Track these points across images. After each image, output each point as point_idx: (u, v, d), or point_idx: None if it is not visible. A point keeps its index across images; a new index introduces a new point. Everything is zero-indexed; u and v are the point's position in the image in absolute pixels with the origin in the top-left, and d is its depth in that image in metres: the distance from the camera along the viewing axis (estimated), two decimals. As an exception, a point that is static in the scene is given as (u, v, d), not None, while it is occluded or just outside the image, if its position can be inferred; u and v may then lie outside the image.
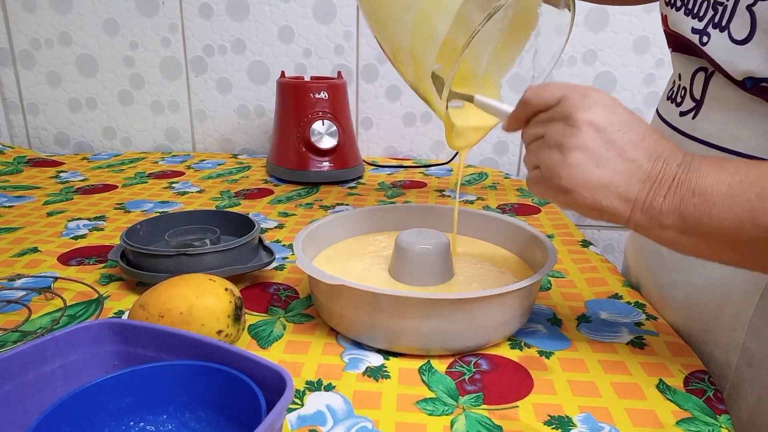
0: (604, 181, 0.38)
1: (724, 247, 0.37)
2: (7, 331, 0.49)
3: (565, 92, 0.40)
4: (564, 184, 0.39)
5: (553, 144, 0.39)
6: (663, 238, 0.39)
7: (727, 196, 0.36)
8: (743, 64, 0.42)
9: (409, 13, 0.47)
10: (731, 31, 0.43)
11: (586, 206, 0.39)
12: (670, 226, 0.38)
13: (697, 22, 0.46)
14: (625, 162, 0.38)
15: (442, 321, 0.45)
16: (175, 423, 0.34)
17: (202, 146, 1.24)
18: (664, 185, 0.38)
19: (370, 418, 0.40)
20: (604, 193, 0.38)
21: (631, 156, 0.38)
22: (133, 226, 0.62)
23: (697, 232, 0.37)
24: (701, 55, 0.47)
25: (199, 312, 0.43)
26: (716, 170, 0.37)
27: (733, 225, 0.36)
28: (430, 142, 1.21)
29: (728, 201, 0.36)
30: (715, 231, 0.36)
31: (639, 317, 0.54)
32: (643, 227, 0.39)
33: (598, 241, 1.27)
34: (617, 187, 0.38)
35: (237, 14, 1.14)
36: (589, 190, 0.38)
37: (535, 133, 0.42)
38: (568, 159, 0.38)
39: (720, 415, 0.41)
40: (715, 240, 0.37)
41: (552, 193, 0.40)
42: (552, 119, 0.40)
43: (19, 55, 1.17)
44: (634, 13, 1.10)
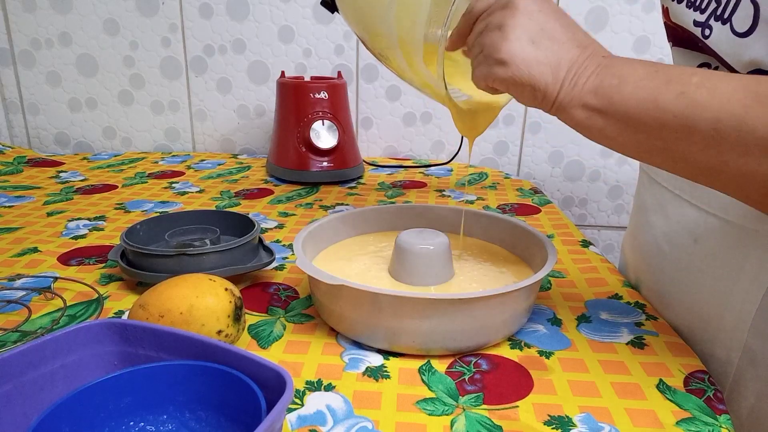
0: (539, 57, 0.41)
1: (626, 128, 0.39)
2: (7, 331, 0.49)
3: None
4: (503, 56, 0.41)
5: (494, 27, 0.43)
6: (576, 117, 0.41)
7: (640, 79, 0.39)
8: (746, 56, 0.42)
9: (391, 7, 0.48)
10: (733, 23, 0.43)
11: (522, 80, 0.41)
12: (587, 104, 0.40)
13: (699, 14, 0.46)
14: (557, 44, 0.41)
15: (442, 321, 0.45)
16: (175, 423, 0.34)
17: (202, 146, 1.24)
18: (588, 69, 0.41)
19: (370, 418, 0.40)
20: (537, 68, 0.41)
21: (561, 40, 0.41)
22: (133, 226, 0.62)
23: (606, 111, 0.40)
24: (704, 50, 0.47)
25: (199, 312, 0.43)
26: (639, 63, 0.40)
27: (638, 104, 0.38)
28: (430, 142, 1.21)
29: (640, 83, 0.38)
30: (623, 110, 0.39)
31: (639, 317, 0.54)
32: (563, 107, 0.42)
33: (598, 241, 1.27)
34: (549, 65, 0.41)
35: (237, 14, 1.14)
36: (526, 63, 0.41)
37: (479, 28, 0.44)
38: (507, 34, 0.41)
39: (720, 415, 0.41)
40: (621, 120, 0.39)
41: (492, 68, 0.43)
42: (493, 11, 0.43)
43: (19, 55, 1.17)
44: (634, 13, 1.10)
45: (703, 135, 0.36)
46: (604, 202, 1.24)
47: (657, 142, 0.39)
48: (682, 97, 0.37)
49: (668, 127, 0.37)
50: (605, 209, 1.25)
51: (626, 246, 0.69)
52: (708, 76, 0.37)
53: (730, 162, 0.36)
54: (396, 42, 0.50)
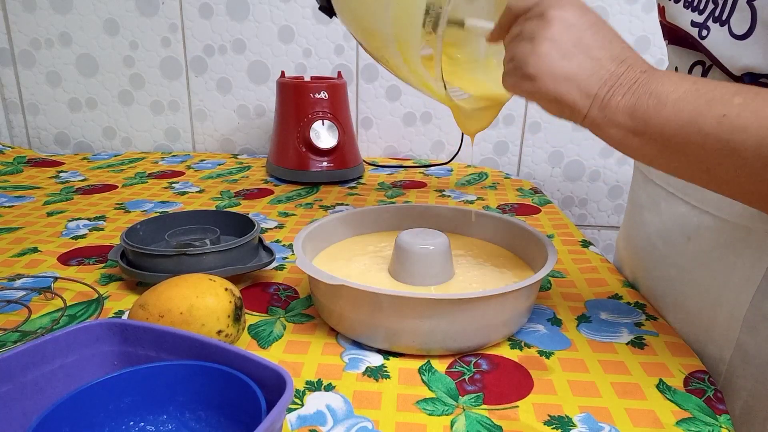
0: (568, 73, 0.40)
1: (665, 149, 0.38)
2: (7, 331, 0.49)
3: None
4: (531, 71, 0.41)
5: (527, 37, 0.41)
6: (612, 136, 0.40)
7: (679, 100, 0.37)
8: (743, 59, 0.42)
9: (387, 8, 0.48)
10: (731, 25, 0.43)
11: (548, 96, 0.40)
12: (621, 124, 0.39)
13: (697, 15, 0.46)
14: (591, 60, 0.40)
15: (442, 321, 0.45)
16: (175, 423, 0.34)
17: (202, 146, 1.24)
18: (624, 86, 0.39)
19: (370, 418, 0.40)
20: (566, 85, 0.40)
21: (596, 55, 0.40)
22: (133, 226, 0.62)
23: (644, 132, 0.38)
24: (699, 49, 0.47)
25: (199, 312, 0.43)
26: (678, 79, 0.38)
27: (677, 127, 0.37)
28: (430, 142, 1.21)
29: (679, 104, 0.37)
30: (660, 132, 0.38)
31: (639, 317, 0.54)
32: (596, 125, 0.40)
33: (598, 241, 1.27)
34: (579, 82, 0.39)
35: (237, 14, 1.14)
36: (553, 80, 0.40)
37: (514, 32, 0.43)
38: (537, 48, 0.40)
39: (720, 415, 0.41)
40: (659, 142, 0.38)
41: (520, 81, 0.42)
42: (529, 18, 0.42)
43: (19, 55, 1.17)
44: (634, 12, 1.10)
45: (747, 160, 0.35)
46: (604, 202, 1.24)
47: (699, 165, 0.37)
48: (724, 121, 0.35)
49: (711, 152, 0.36)
50: (605, 209, 1.25)
51: (620, 243, 0.69)
52: (751, 97, 0.35)
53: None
54: (393, 43, 0.50)
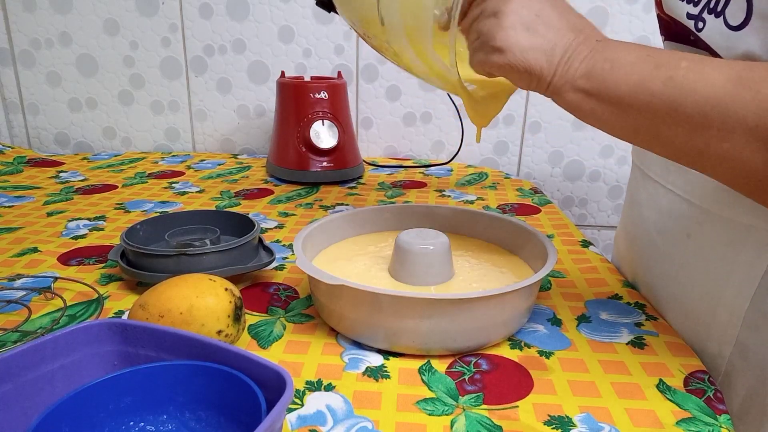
0: (534, 43, 0.42)
1: (616, 111, 0.40)
2: (7, 331, 0.49)
3: None
4: (499, 44, 0.42)
5: (490, 13, 0.43)
6: (569, 101, 0.42)
7: (630, 64, 0.39)
8: (739, 49, 0.42)
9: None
10: (726, 16, 0.43)
11: (518, 67, 0.42)
12: (577, 88, 0.41)
13: (692, 6, 0.47)
14: (552, 29, 0.42)
15: (442, 321, 0.45)
16: (175, 423, 0.34)
17: (202, 146, 1.24)
18: (582, 53, 0.41)
19: (370, 418, 0.40)
20: (533, 54, 0.42)
21: (556, 25, 0.42)
22: (133, 226, 0.62)
23: (597, 94, 0.41)
24: (696, 44, 0.47)
25: (199, 312, 0.43)
26: (632, 47, 0.40)
27: (628, 88, 0.39)
28: (430, 142, 1.21)
29: (630, 68, 0.39)
30: (613, 94, 0.40)
31: (639, 318, 0.54)
32: (557, 91, 0.42)
33: (598, 241, 1.27)
34: (545, 51, 0.42)
35: (237, 14, 1.14)
36: (521, 50, 0.42)
37: (475, 13, 0.45)
38: (502, 21, 0.42)
39: (720, 415, 0.41)
40: (611, 103, 0.40)
41: (489, 55, 0.43)
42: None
43: (19, 55, 1.17)
44: (634, 13, 1.10)
45: (689, 119, 0.37)
46: (604, 202, 1.24)
47: (645, 124, 0.39)
48: (670, 82, 0.37)
49: (656, 111, 0.38)
50: (605, 209, 1.25)
51: (619, 241, 0.69)
52: (697, 61, 0.38)
53: (714, 146, 0.37)
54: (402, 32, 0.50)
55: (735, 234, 0.47)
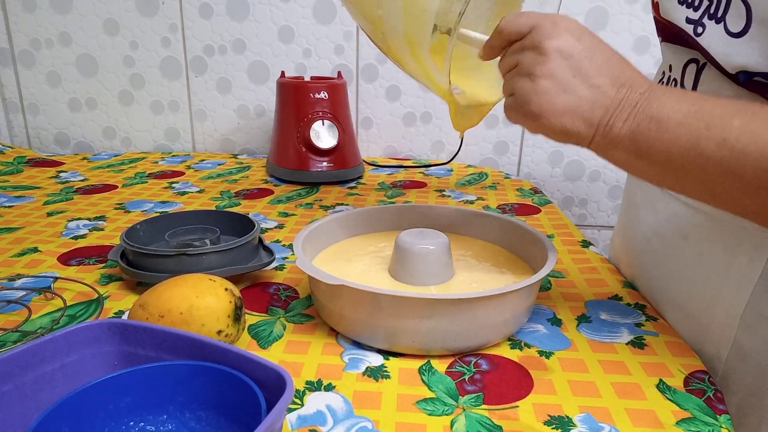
0: (570, 106, 0.40)
1: (668, 171, 0.39)
2: (7, 331, 0.49)
3: (537, 21, 0.42)
4: (533, 109, 0.41)
5: (525, 72, 0.42)
6: (616, 158, 0.41)
7: (680, 125, 0.37)
8: (738, 57, 0.42)
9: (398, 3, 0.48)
10: (727, 22, 0.42)
11: (553, 130, 0.41)
12: (624, 148, 0.40)
13: (692, 11, 0.46)
14: (590, 88, 0.40)
15: (442, 321, 0.45)
16: (175, 423, 0.34)
17: (202, 146, 1.24)
18: (625, 111, 0.39)
19: (370, 418, 0.40)
20: (569, 118, 0.40)
21: (596, 82, 0.40)
22: (133, 226, 0.62)
23: (647, 155, 0.39)
24: (694, 47, 0.46)
25: (199, 312, 0.43)
26: (677, 100, 0.38)
27: (679, 151, 0.37)
28: (430, 142, 1.21)
29: (679, 129, 0.37)
30: (664, 156, 0.38)
31: (639, 318, 0.54)
32: (600, 149, 0.41)
33: (598, 241, 1.27)
34: (582, 112, 0.40)
35: (237, 14, 1.14)
36: (556, 115, 0.40)
37: (510, 62, 0.44)
38: (536, 86, 0.40)
39: (720, 415, 0.41)
40: (661, 164, 0.39)
41: (523, 118, 0.42)
42: (524, 48, 0.42)
43: (19, 55, 1.17)
44: (634, 13, 1.10)
45: (749, 182, 0.35)
46: (604, 202, 1.24)
47: (702, 185, 0.38)
48: (724, 144, 0.36)
49: (711, 173, 0.37)
50: (605, 209, 1.25)
51: (616, 242, 0.69)
52: (749, 119, 0.36)
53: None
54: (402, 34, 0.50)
55: (731, 236, 0.47)
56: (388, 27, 0.51)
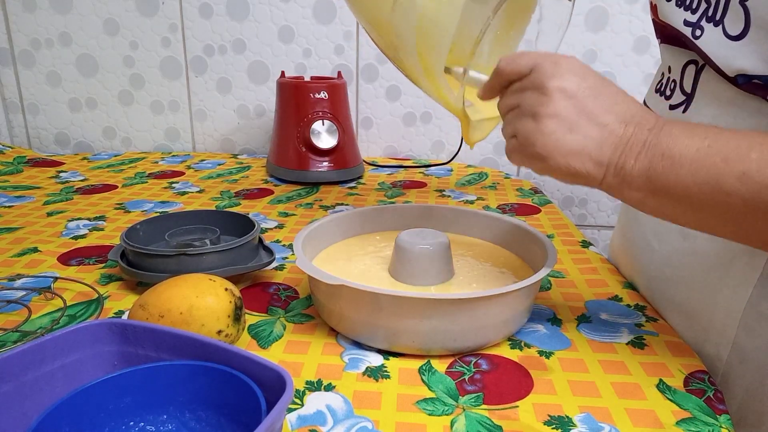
0: (577, 147, 0.39)
1: (687, 209, 0.38)
2: (7, 331, 0.49)
3: (537, 61, 0.41)
4: (539, 151, 0.40)
5: (528, 113, 0.40)
6: (630, 198, 0.40)
7: (694, 161, 0.36)
8: (737, 60, 0.42)
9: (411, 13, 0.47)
10: (725, 26, 0.42)
11: (562, 171, 0.40)
12: (639, 187, 0.39)
13: (690, 14, 0.46)
14: (597, 127, 0.39)
15: (442, 321, 0.45)
16: (175, 423, 0.34)
17: (202, 146, 1.24)
18: (634, 149, 0.38)
19: (370, 418, 0.40)
20: (577, 158, 0.39)
21: (602, 120, 0.39)
22: (133, 226, 0.62)
23: (663, 193, 0.38)
24: (692, 48, 0.46)
25: (199, 312, 0.43)
26: (686, 135, 0.37)
27: (697, 188, 0.37)
28: (430, 142, 1.21)
29: (695, 165, 0.36)
30: (681, 193, 0.37)
31: (639, 319, 0.54)
32: (613, 188, 0.40)
33: (598, 241, 1.27)
34: (590, 152, 0.39)
35: (237, 14, 1.14)
36: (563, 156, 0.39)
37: (510, 103, 0.42)
38: (541, 127, 0.39)
39: (720, 415, 0.41)
40: (680, 202, 0.38)
41: (528, 160, 0.41)
42: (525, 88, 0.41)
43: (19, 55, 1.17)
44: (634, 13, 1.10)
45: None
46: (604, 202, 1.24)
47: (727, 223, 0.37)
48: (744, 178, 0.35)
49: (734, 208, 0.36)
50: (605, 209, 1.25)
51: (616, 242, 0.69)
52: (766, 150, 0.35)
53: None
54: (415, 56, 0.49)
55: None
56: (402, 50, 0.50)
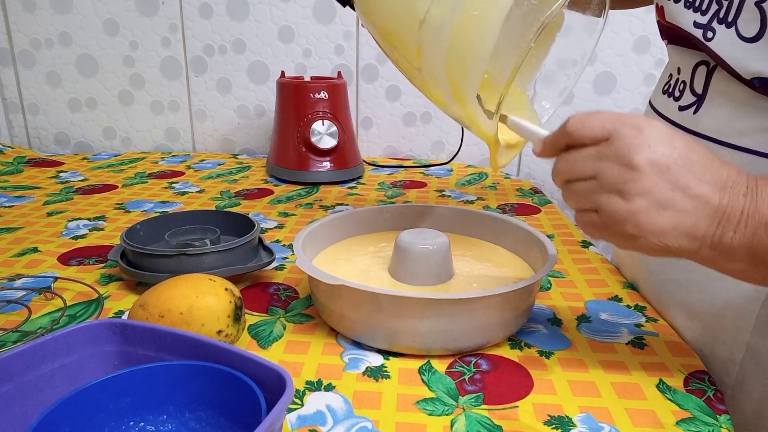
0: (670, 224, 0.36)
1: None
2: (7, 331, 0.49)
3: (615, 127, 0.37)
4: (629, 231, 0.37)
5: (611, 189, 0.37)
6: (731, 270, 0.37)
7: None
8: (753, 63, 0.41)
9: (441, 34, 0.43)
10: (739, 27, 0.41)
11: (653, 249, 0.37)
12: (741, 259, 0.36)
13: (700, 15, 0.45)
14: (691, 200, 0.36)
15: (442, 321, 0.45)
16: (175, 423, 0.34)
17: (202, 146, 1.24)
18: (732, 220, 0.35)
19: (370, 418, 0.40)
20: (671, 236, 0.36)
21: (696, 192, 0.36)
22: (133, 226, 0.62)
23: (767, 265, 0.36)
24: (704, 50, 0.46)
25: (199, 312, 0.43)
26: None
27: None
28: (430, 142, 1.21)
29: None
30: None
31: (639, 319, 0.54)
32: (710, 261, 0.37)
33: (597, 241, 1.27)
34: (685, 228, 0.36)
35: (237, 14, 1.14)
36: (656, 235, 0.36)
37: (582, 172, 0.38)
38: (631, 206, 0.36)
39: (720, 415, 0.41)
40: None
41: (614, 238, 0.38)
42: (604, 157, 0.37)
43: (19, 55, 1.17)
44: (634, 13, 1.10)
45: None
46: (604, 202, 1.24)
47: None
48: None
49: None
50: (605, 209, 1.24)
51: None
52: None
53: None
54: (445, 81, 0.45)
55: None
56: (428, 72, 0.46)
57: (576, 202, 0.40)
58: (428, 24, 0.43)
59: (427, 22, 0.43)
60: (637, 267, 0.62)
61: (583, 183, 0.38)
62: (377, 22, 0.51)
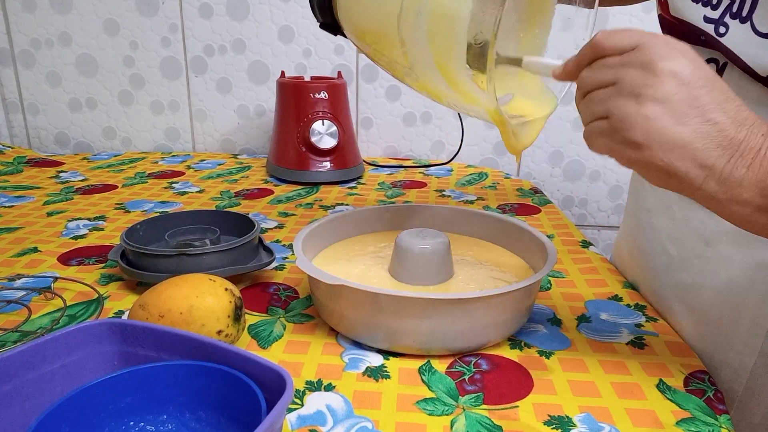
0: (682, 140, 0.33)
1: None
2: (7, 331, 0.49)
3: (644, 38, 0.35)
4: (637, 137, 0.34)
5: (628, 92, 0.34)
6: (734, 212, 0.35)
7: None
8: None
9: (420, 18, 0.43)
10: (755, 22, 0.40)
11: (655, 166, 0.35)
12: (747, 201, 0.34)
13: (710, 10, 0.44)
14: (706, 123, 0.33)
15: (442, 321, 0.45)
16: (175, 423, 0.34)
17: (202, 146, 1.24)
18: (747, 156, 0.33)
19: (370, 418, 0.40)
20: (679, 155, 0.34)
21: (713, 117, 0.33)
22: (133, 226, 0.62)
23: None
24: (715, 47, 0.44)
25: (199, 312, 0.43)
26: None
27: None
28: (430, 142, 1.21)
29: None
30: None
31: (639, 319, 0.54)
32: (714, 199, 0.35)
33: (598, 241, 1.27)
34: (695, 150, 0.34)
35: (237, 14, 1.14)
36: (664, 149, 0.34)
37: (603, 79, 0.36)
38: (644, 110, 0.34)
39: (720, 415, 0.41)
40: None
41: (619, 147, 0.36)
42: (627, 64, 0.35)
43: (19, 55, 1.17)
44: (634, 13, 1.10)
45: None
46: (604, 202, 1.24)
47: None
48: None
49: None
50: (605, 209, 1.25)
51: (622, 249, 0.67)
52: None
53: None
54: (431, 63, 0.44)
55: (757, 240, 0.43)
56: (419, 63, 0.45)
57: (589, 112, 0.37)
58: (405, 13, 0.43)
59: (404, 12, 0.43)
60: (642, 271, 0.61)
61: (601, 90, 0.36)
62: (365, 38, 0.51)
